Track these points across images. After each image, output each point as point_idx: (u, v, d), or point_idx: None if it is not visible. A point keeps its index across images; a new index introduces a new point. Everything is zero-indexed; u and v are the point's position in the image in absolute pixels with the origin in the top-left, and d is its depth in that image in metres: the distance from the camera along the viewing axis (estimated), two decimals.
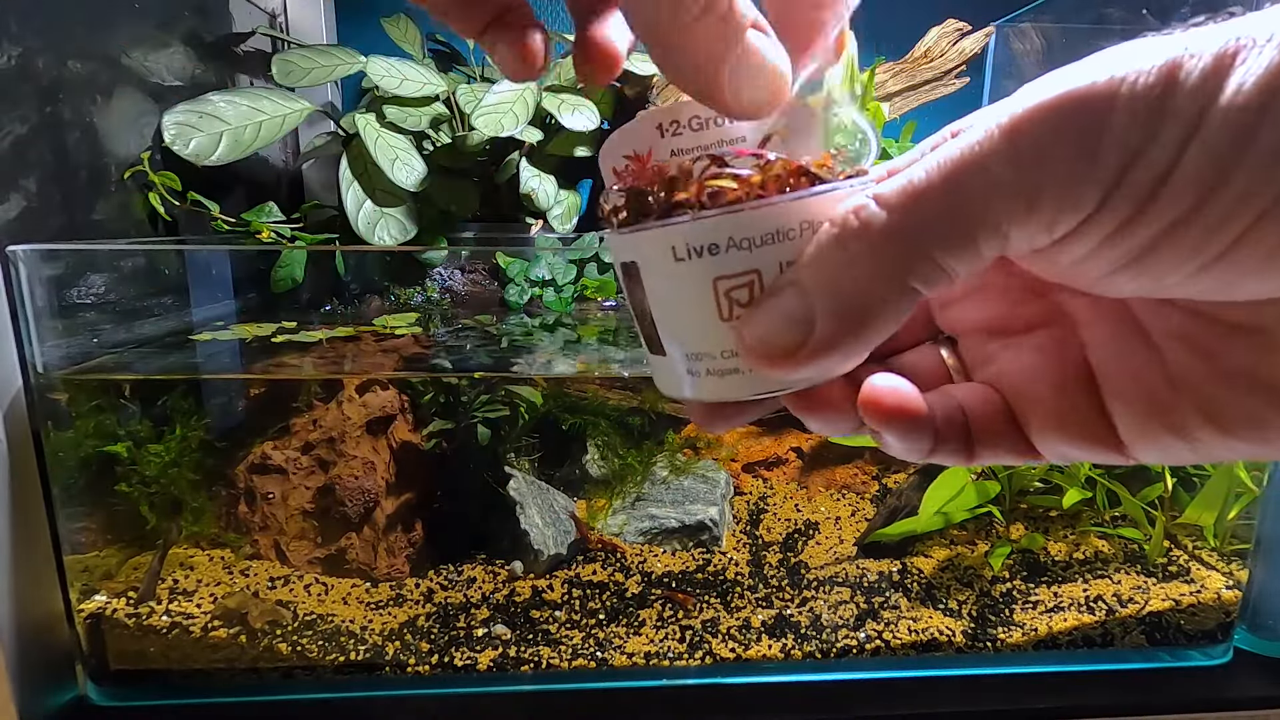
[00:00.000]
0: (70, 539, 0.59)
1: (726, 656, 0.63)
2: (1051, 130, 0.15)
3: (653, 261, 0.18)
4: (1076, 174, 0.15)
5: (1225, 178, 0.14)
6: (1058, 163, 0.15)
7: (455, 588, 0.69)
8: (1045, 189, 0.15)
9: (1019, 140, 0.15)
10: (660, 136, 0.22)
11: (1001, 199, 0.15)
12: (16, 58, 0.56)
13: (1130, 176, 0.14)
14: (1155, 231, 0.15)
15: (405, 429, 0.73)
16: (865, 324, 0.17)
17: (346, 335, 0.73)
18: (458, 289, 0.84)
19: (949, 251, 0.16)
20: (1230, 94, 0.14)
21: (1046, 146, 0.15)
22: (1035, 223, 0.16)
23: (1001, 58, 1.02)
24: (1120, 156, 0.14)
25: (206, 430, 0.68)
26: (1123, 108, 0.14)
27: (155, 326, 0.70)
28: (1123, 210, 0.15)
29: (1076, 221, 0.15)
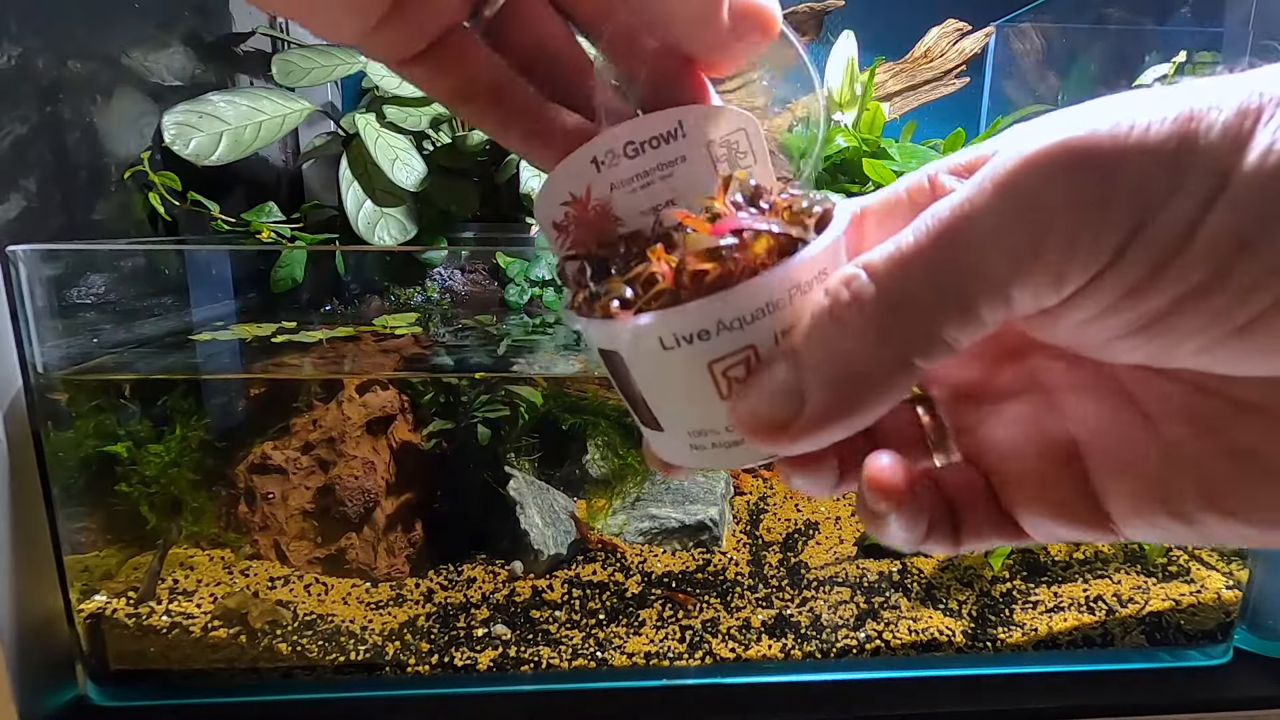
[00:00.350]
0: (70, 539, 0.59)
1: (726, 656, 0.63)
2: (1054, 180, 0.14)
3: (638, 351, 0.17)
4: (1088, 222, 0.13)
5: (1253, 245, 0.13)
6: (1063, 212, 0.13)
7: (455, 588, 0.69)
8: (1050, 240, 0.14)
9: (1017, 192, 0.14)
10: (596, 171, 0.21)
11: (1001, 256, 0.14)
12: (16, 58, 0.56)
13: (1147, 233, 0.13)
14: (1173, 297, 0.14)
15: (405, 429, 0.73)
16: (862, 400, 0.16)
17: (346, 335, 0.73)
18: (458, 289, 0.84)
19: (948, 322, 0.15)
20: (1260, 154, 0.13)
21: (1049, 196, 0.14)
22: (1041, 278, 0.14)
23: (1001, 58, 1.02)
24: (1134, 211, 0.13)
25: (206, 430, 0.68)
26: (1134, 159, 0.13)
27: (155, 326, 0.70)
28: (1138, 268, 0.14)
29: (1089, 275, 0.14)
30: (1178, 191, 0.13)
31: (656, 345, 0.17)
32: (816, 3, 0.89)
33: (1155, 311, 0.14)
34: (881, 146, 0.77)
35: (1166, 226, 0.13)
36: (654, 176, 0.22)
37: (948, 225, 0.15)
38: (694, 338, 0.17)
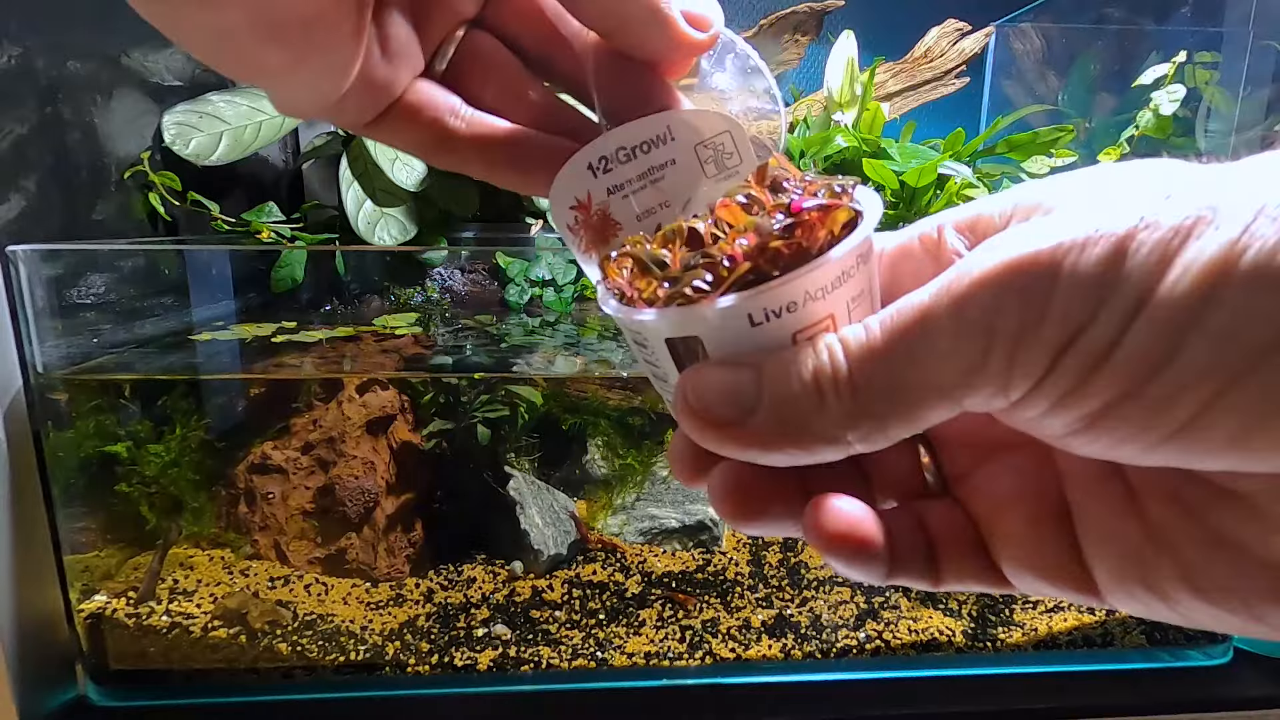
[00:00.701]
0: (70, 539, 0.59)
1: (726, 656, 0.63)
2: (1000, 299, 0.15)
3: (724, 331, 0.18)
4: (1025, 338, 0.15)
5: (1168, 363, 0.14)
6: (1005, 330, 0.15)
7: (455, 588, 0.69)
8: (995, 354, 0.15)
9: (968, 308, 0.15)
10: (594, 176, 0.22)
11: (952, 367, 0.15)
12: (17, 58, 0.56)
13: (1076, 348, 0.14)
14: (1100, 406, 0.15)
15: (405, 429, 0.73)
16: (797, 448, 0.17)
17: (346, 335, 0.73)
18: (458, 289, 0.84)
19: (896, 422, 0.16)
20: (1177, 274, 0.13)
21: (995, 315, 0.15)
22: (987, 388, 0.15)
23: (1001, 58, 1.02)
24: (1064, 328, 0.14)
25: (206, 430, 0.68)
26: (1066, 280, 0.14)
27: (155, 326, 0.70)
28: (1068, 379, 0.15)
29: (1029, 385, 0.15)
30: (1102, 309, 0.14)
31: (745, 323, 0.18)
32: (816, 3, 0.89)
33: (1091, 416, 0.15)
34: (881, 146, 0.77)
35: (1091, 342, 0.14)
36: (646, 180, 0.22)
37: (910, 326, 0.16)
38: (782, 311, 0.17)
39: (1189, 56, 0.79)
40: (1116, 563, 0.18)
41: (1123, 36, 0.95)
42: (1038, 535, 0.20)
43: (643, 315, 0.18)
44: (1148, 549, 0.18)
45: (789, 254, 0.17)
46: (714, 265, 0.18)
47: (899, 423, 0.17)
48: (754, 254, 0.17)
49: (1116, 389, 0.14)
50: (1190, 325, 0.13)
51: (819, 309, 0.18)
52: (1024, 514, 0.20)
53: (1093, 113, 0.96)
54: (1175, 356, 0.14)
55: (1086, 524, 0.19)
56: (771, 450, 0.18)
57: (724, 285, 0.17)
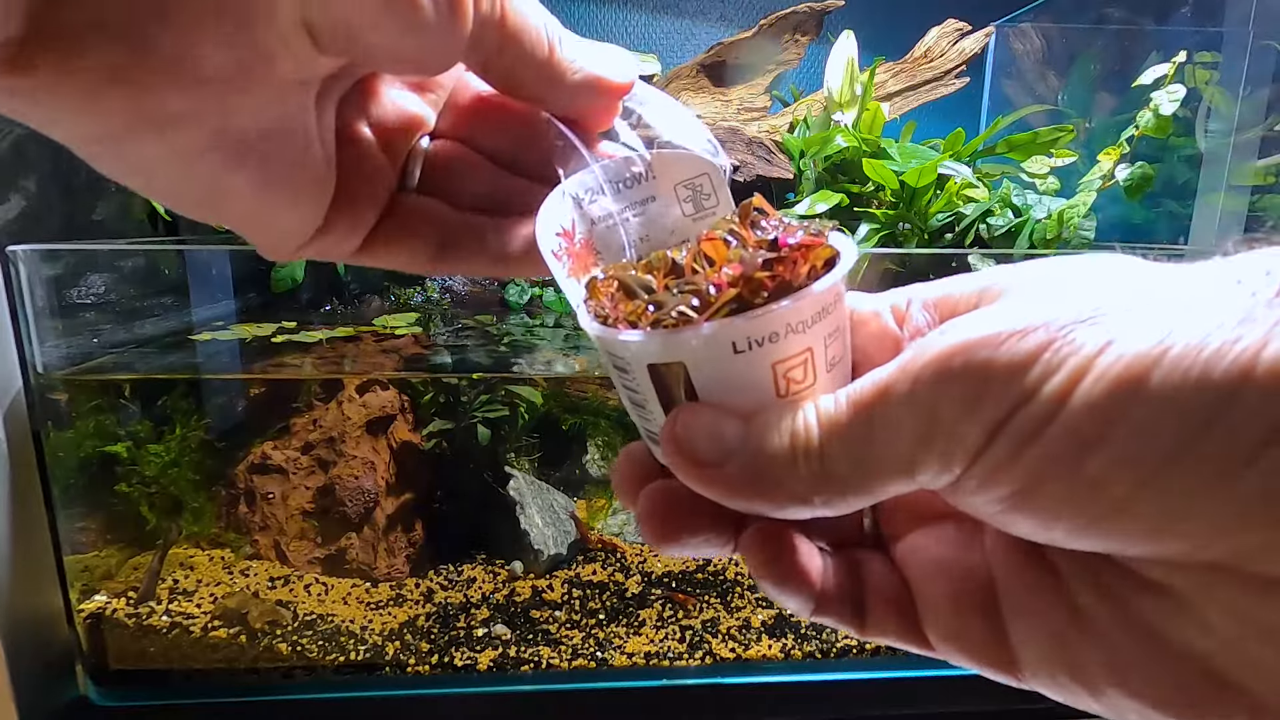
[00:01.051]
0: (70, 539, 0.59)
1: (726, 656, 0.63)
2: (943, 378, 0.16)
3: (706, 358, 0.18)
4: (964, 418, 0.16)
5: (1095, 447, 0.14)
6: (947, 410, 0.16)
7: (455, 588, 0.69)
8: (939, 431, 0.16)
9: (917, 387, 0.16)
10: (577, 207, 0.23)
11: (904, 444, 0.16)
12: None
13: (1009, 425, 0.15)
14: (1030, 482, 0.15)
15: (405, 429, 0.73)
16: (766, 502, 0.18)
17: (346, 335, 0.73)
18: (457, 289, 0.84)
19: (854, 493, 0.17)
20: (1091, 381, 0.14)
21: (939, 393, 0.16)
22: (935, 464, 0.16)
23: (1001, 58, 1.02)
24: (998, 408, 0.15)
25: (206, 430, 0.68)
26: (1002, 364, 0.15)
27: (155, 326, 0.70)
28: (1000, 456, 0.16)
29: (965, 464, 0.16)
30: (1036, 393, 0.15)
31: (729, 351, 0.18)
32: (816, 3, 0.89)
33: (1021, 494, 0.16)
34: (881, 146, 0.77)
35: (1024, 421, 0.15)
36: (627, 214, 0.23)
37: (871, 402, 0.17)
38: (765, 340, 0.18)
39: (1189, 56, 0.79)
40: (1042, 645, 0.19)
41: (1123, 36, 0.95)
42: (960, 609, 0.20)
43: (627, 337, 0.18)
44: (1072, 633, 0.18)
45: (772, 286, 0.18)
46: (700, 292, 0.18)
47: (858, 492, 0.17)
48: (739, 283, 0.18)
49: (1045, 468, 0.15)
50: (1095, 443, 0.14)
51: (798, 342, 0.18)
52: (949, 586, 0.20)
53: (1093, 113, 0.96)
54: (1082, 464, 0.14)
55: (1011, 603, 0.19)
56: (739, 497, 0.18)
57: (709, 311, 0.18)
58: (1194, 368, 0.13)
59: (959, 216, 0.75)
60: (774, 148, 0.83)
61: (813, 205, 0.75)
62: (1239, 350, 0.13)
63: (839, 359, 0.20)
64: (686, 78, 0.89)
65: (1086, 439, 0.14)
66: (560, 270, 0.22)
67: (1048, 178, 0.82)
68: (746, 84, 0.91)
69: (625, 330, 0.19)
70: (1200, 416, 0.13)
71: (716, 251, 0.19)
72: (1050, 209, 0.76)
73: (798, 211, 0.76)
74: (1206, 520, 0.14)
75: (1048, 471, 0.15)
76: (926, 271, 0.70)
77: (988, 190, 0.78)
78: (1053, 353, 0.15)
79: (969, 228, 0.75)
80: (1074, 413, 0.14)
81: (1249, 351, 0.13)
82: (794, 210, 0.77)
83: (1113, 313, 0.15)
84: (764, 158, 0.81)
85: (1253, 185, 0.78)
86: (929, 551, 0.21)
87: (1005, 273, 0.19)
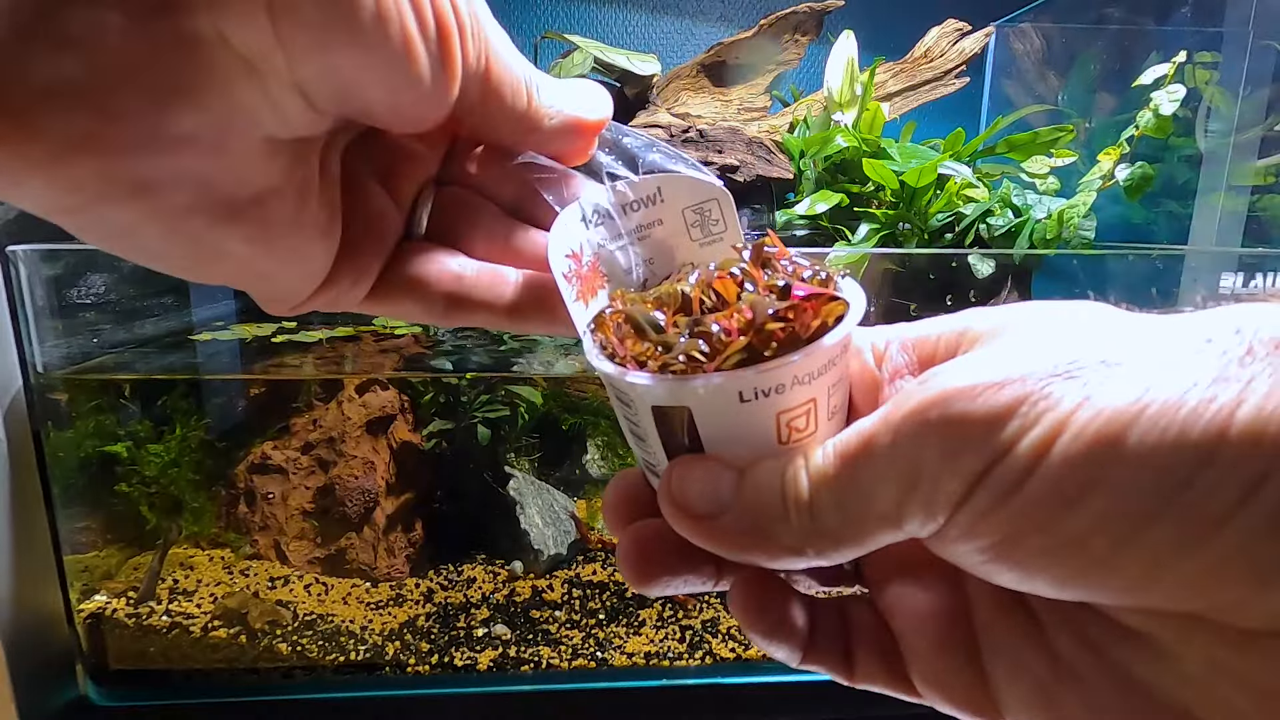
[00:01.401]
0: (70, 539, 0.59)
1: (726, 656, 0.63)
2: (925, 429, 0.16)
3: (712, 405, 0.19)
4: (946, 468, 0.16)
5: (1059, 521, 0.15)
6: (929, 460, 0.16)
7: (455, 588, 0.69)
8: (923, 480, 0.16)
9: (900, 438, 0.16)
10: (586, 228, 0.23)
11: (889, 494, 0.17)
12: None
13: (990, 477, 0.15)
14: (1010, 534, 0.16)
15: (405, 429, 0.73)
16: (759, 554, 0.19)
17: (346, 335, 0.73)
18: None
19: (841, 540, 0.18)
20: (1067, 440, 0.14)
21: (920, 444, 0.16)
22: (919, 514, 0.16)
23: (1001, 58, 1.02)
24: (979, 459, 0.15)
25: (206, 430, 0.68)
26: (981, 414, 0.15)
27: (155, 326, 0.70)
28: (980, 507, 0.16)
29: (947, 514, 0.16)
30: (1016, 446, 0.15)
31: (735, 400, 0.18)
32: (816, 3, 0.89)
33: (1002, 545, 0.16)
34: (881, 146, 0.77)
35: (1005, 472, 0.15)
36: (635, 236, 0.24)
37: (856, 454, 0.17)
38: (771, 391, 0.18)
39: (1189, 56, 0.79)
40: (1024, 692, 0.19)
41: (1123, 36, 0.95)
42: (944, 655, 0.20)
43: (635, 379, 0.18)
44: (1053, 681, 0.18)
45: (783, 337, 0.18)
46: (709, 336, 0.18)
47: (849, 543, 0.18)
48: (749, 331, 0.18)
49: (1026, 521, 0.15)
50: (1079, 498, 0.14)
51: (803, 393, 0.18)
52: (933, 633, 0.20)
53: (1093, 113, 0.96)
54: (1080, 500, 0.14)
55: (993, 651, 0.20)
56: (735, 549, 0.19)
57: (719, 360, 0.18)
58: (1171, 426, 0.14)
59: (959, 216, 0.75)
60: (774, 148, 0.83)
61: (813, 205, 0.75)
62: (1215, 409, 0.13)
63: (840, 406, 0.20)
64: (686, 78, 0.89)
65: (1066, 495, 0.15)
66: (569, 293, 0.22)
67: (1048, 178, 0.82)
68: (746, 84, 0.91)
69: (633, 371, 0.19)
70: (1178, 476, 0.14)
71: (727, 291, 0.19)
72: (1050, 209, 0.76)
73: (798, 211, 0.76)
74: (1185, 576, 0.14)
75: (1028, 524, 0.15)
76: (927, 271, 0.70)
77: (988, 190, 0.78)
78: (1030, 406, 0.15)
79: (969, 228, 0.75)
80: (1053, 469, 0.15)
81: (1224, 411, 0.13)
82: (794, 210, 0.77)
83: (1090, 366, 0.15)
84: (764, 158, 0.81)
85: (1253, 185, 0.78)
86: (914, 599, 0.21)
87: (984, 316, 0.19)
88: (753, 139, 0.82)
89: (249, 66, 0.16)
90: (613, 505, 0.22)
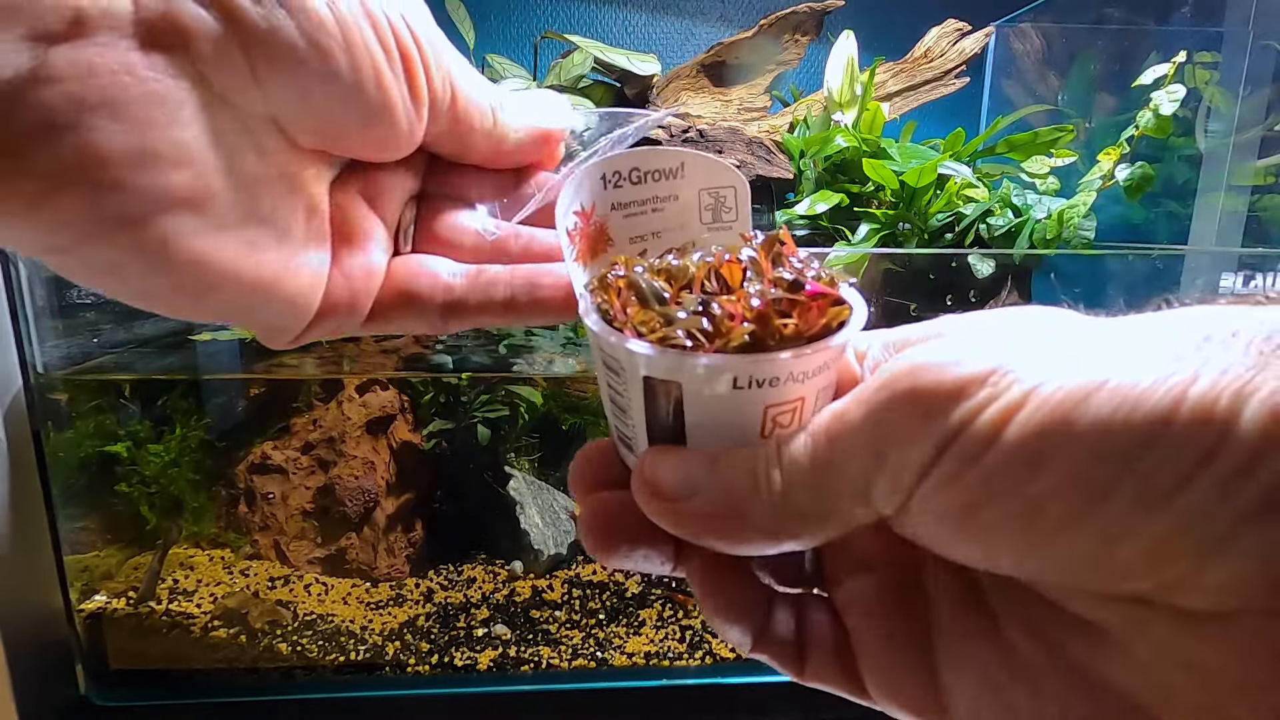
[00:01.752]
0: (70, 539, 0.59)
1: (726, 656, 0.63)
2: (894, 399, 0.17)
3: (704, 386, 0.18)
4: (914, 436, 0.16)
5: (1020, 488, 0.15)
6: (900, 429, 0.17)
7: (455, 588, 0.69)
8: (890, 451, 0.17)
9: (871, 411, 0.17)
10: (604, 188, 0.23)
11: (858, 464, 0.17)
12: None
13: (957, 441, 0.16)
14: (976, 498, 0.16)
15: (405, 429, 0.73)
16: (731, 540, 0.19)
17: (346, 335, 0.73)
18: None
19: (814, 518, 0.18)
20: (1022, 418, 0.15)
21: (890, 413, 0.17)
22: (886, 483, 0.17)
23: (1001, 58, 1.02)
24: (946, 427, 0.16)
25: (206, 430, 0.68)
26: (950, 382, 0.16)
27: (155, 327, 0.70)
28: (947, 471, 0.16)
29: (914, 479, 0.16)
30: (982, 413, 0.16)
31: (728, 384, 0.18)
32: (816, 3, 0.89)
33: (966, 511, 0.16)
34: (881, 146, 0.77)
35: (970, 437, 0.16)
36: (648, 206, 0.23)
37: (829, 430, 0.18)
38: (765, 383, 0.18)
39: (1189, 56, 0.79)
40: (973, 688, 0.19)
41: (1123, 36, 0.95)
42: (895, 652, 0.20)
43: (634, 347, 0.18)
44: (1004, 675, 0.18)
45: (788, 331, 0.18)
46: (715, 319, 0.18)
47: (819, 522, 0.18)
48: (756, 319, 0.18)
49: (988, 488, 0.16)
50: (1050, 446, 0.15)
51: (794, 390, 0.18)
52: (885, 628, 0.21)
53: (1093, 113, 0.96)
54: (1039, 469, 0.15)
55: (944, 644, 0.20)
56: (706, 532, 0.19)
57: (720, 341, 0.18)
58: (1127, 401, 0.14)
59: (959, 216, 0.75)
60: (774, 148, 0.83)
61: (813, 205, 0.75)
62: (1169, 386, 0.14)
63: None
64: (686, 78, 0.89)
65: (1025, 463, 0.15)
66: (569, 252, 0.22)
67: (1048, 178, 0.82)
68: (746, 84, 0.91)
69: (632, 338, 0.18)
70: (1131, 448, 0.14)
71: (732, 276, 0.19)
72: (1050, 209, 0.76)
73: (798, 211, 0.76)
74: (1136, 549, 0.14)
75: (989, 492, 0.16)
76: (927, 271, 0.70)
77: (988, 190, 0.78)
78: (996, 378, 0.16)
79: (969, 228, 0.75)
80: (1012, 438, 0.15)
81: (1178, 388, 0.14)
82: (794, 210, 0.77)
83: (1055, 350, 0.16)
84: (764, 158, 0.81)
85: (1253, 185, 0.78)
86: (870, 593, 0.21)
87: (964, 317, 0.20)
88: (753, 139, 0.82)
89: (228, 103, 0.17)
90: (579, 472, 0.23)
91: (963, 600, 0.20)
